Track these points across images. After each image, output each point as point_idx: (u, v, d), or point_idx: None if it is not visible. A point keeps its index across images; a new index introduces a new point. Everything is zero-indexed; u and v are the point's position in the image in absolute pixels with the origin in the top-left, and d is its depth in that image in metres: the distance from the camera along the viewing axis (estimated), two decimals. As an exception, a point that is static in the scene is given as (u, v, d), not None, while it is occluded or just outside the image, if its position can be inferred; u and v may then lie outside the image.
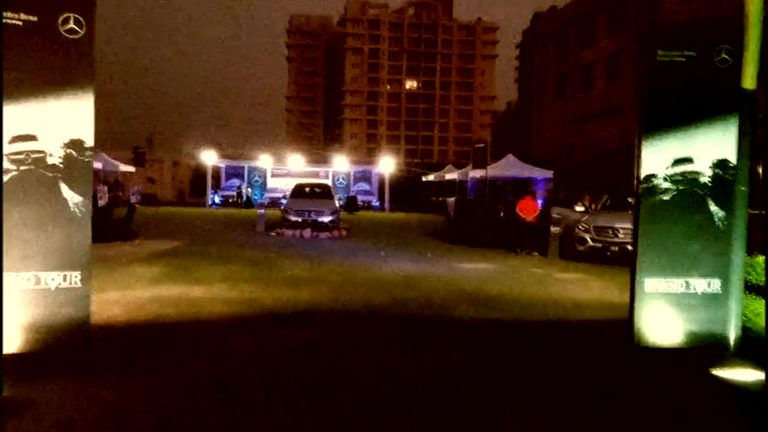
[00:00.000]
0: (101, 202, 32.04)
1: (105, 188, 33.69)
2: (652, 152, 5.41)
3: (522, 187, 26.76)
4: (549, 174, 23.60)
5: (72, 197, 4.94)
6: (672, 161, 5.42)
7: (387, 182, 36.20)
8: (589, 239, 12.59)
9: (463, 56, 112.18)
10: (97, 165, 32.98)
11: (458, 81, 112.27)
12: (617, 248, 12.15)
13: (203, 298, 7.82)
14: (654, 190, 5.44)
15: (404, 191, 42.32)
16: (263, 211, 18.65)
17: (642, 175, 5.45)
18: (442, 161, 59.39)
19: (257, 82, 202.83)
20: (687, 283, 5.52)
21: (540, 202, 14.75)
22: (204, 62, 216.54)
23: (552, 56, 46.74)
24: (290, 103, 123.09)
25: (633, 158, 5.57)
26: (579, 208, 13.71)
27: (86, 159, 5.00)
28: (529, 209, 14.06)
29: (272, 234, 17.65)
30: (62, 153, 4.87)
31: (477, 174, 24.19)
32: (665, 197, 5.44)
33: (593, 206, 13.97)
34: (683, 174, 5.42)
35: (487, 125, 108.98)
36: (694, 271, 5.49)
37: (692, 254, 5.47)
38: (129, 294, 7.91)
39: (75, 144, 4.93)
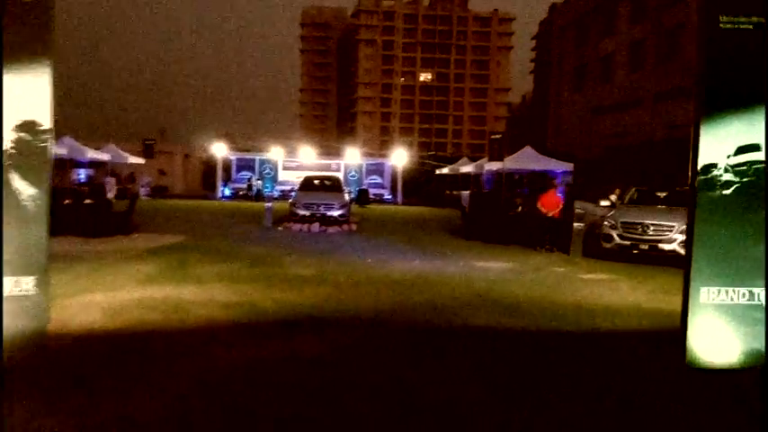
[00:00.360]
0: (109, 195, 31.60)
1: (114, 180, 33.24)
2: (712, 138, 4.56)
3: (540, 180, 25.88)
4: (569, 166, 22.65)
5: (24, 189, 4.20)
6: (735, 149, 4.56)
7: (399, 175, 35.39)
8: (616, 236, 11.70)
9: (478, 47, 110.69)
10: (105, 156, 32.54)
11: (472, 73, 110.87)
12: (647, 246, 11.26)
13: (195, 301, 7.09)
14: (713, 183, 4.59)
15: (417, 184, 41.50)
16: (270, 204, 17.93)
17: (699, 166, 4.60)
18: (456, 154, 58.46)
19: (271, 75, 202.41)
20: (751, 292, 4.68)
21: (560, 196, 13.84)
22: (218, 55, 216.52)
23: (571, 46, 45.47)
24: (303, 95, 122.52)
25: (656, 151, 4.72)
26: (605, 202, 12.80)
27: (42, 144, 4.26)
28: (551, 203, 13.19)
29: (280, 228, 16.93)
30: (13, 137, 4.14)
31: (494, 166, 23.28)
32: (726, 191, 4.59)
33: (618, 201, 13.04)
34: (747, 163, 4.56)
35: (502, 118, 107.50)
36: (759, 279, 4.64)
37: (756, 258, 4.62)
38: (115, 296, 7.20)
39: (29, 126, 4.19)
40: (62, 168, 31.89)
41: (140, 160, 36.43)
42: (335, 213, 17.40)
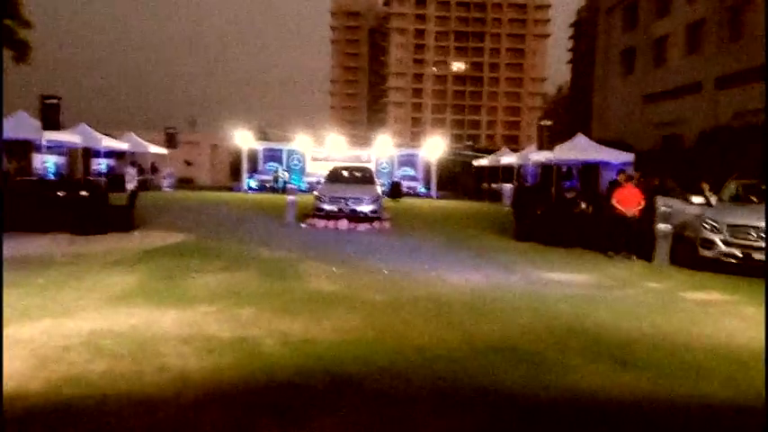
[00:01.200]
0: (129, 186, 30.09)
1: (135, 171, 31.70)
2: None
3: (592, 172, 23.30)
4: (629, 157, 20.04)
5: None
6: None
7: (434, 167, 33.08)
8: (720, 243, 9.29)
9: (513, 35, 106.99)
10: (124, 145, 31.03)
11: (507, 62, 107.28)
12: (762, 256, 8.83)
13: (172, 337, 5.04)
14: None
15: (451, 176, 39.14)
16: (293, 198, 15.88)
17: None
18: (490, 146, 55.75)
19: (302, 66, 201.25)
20: None
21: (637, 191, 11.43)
22: (248, 47, 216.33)
23: (618, 29, 42.35)
24: (333, 86, 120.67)
25: (723, 141, 2.41)
26: (697, 199, 10.37)
27: None
28: (631, 200, 10.83)
29: (303, 225, 14.89)
30: None
31: (542, 156, 20.83)
32: None
33: (716, 197, 10.57)
34: None
35: (538, 108, 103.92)
36: None
37: None
38: (62, 326, 5.20)
39: None
40: (84, 157, 30.53)
41: (163, 150, 34.90)
42: (366, 209, 15.26)
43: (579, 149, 20.24)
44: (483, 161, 33.12)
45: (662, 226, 10.29)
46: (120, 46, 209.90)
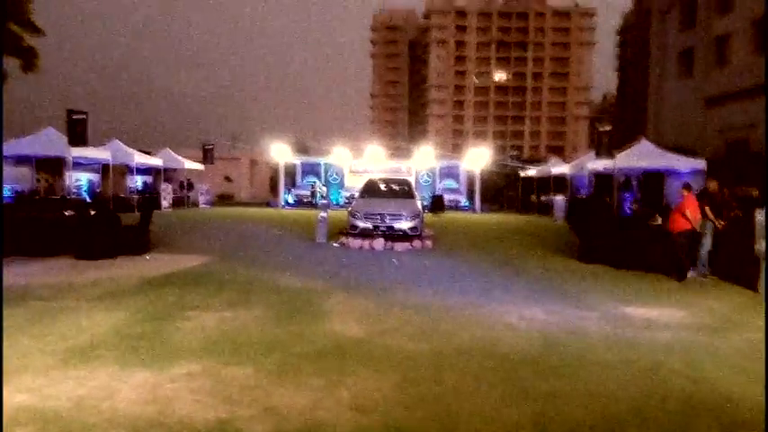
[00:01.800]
0: (164, 203, 29.40)
1: (170, 187, 31.04)
2: None
3: (654, 181, 21.07)
4: (699, 164, 17.84)
5: None
6: None
7: (478, 179, 31.26)
8: None
9: (557, 44, 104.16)
10: (158, 161, 30.40)
11: (551, 71, 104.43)
12: None
13: (118, 423, 3.55)
14: None
15: (496, 189, 37.22)
16: (324, 214, 14.41)
17: None
18: (534, 157, 53.45)
19: (342, 81, 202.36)
20: None
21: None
22: (288, 63, 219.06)
23: (674, 30, 39.76)
24: (373, 100, 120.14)
25: None
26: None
27: None
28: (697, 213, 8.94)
29: (335, 245, 13.40)
30: None
31: (599, 165, 18.84)
32: None
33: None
34: None
35: (583, 118, 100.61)
36: None
37: None
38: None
39: None
40: (117, 174, 30.04)
41: (199, 166, 34.26)
42: (405, 226, 13.65)
43: (644, 156, 18.14)
44: (530, 172, 31.12)
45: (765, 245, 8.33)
46: (165, 66, 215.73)
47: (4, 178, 23.44)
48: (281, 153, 33.86)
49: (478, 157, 31.09)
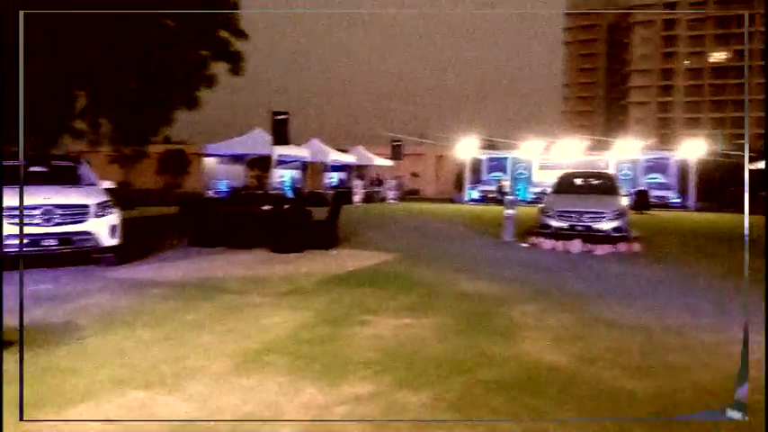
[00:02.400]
0: (356, 198, 30.59)
1: (361, 183, 32.22)
2: None
3: None
4: None
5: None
6: None
7: (692, 173, 27.37)
8: None
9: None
10: (351, 158, 31.69)
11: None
12: None
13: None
14: None
15: (712, 184, 32.39)
16: (512, 212, 13.37)
17: None
18: (759, 149, 45.58)
19: (530, 72, 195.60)
20: None
21: None
22: (478, 55, 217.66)
23: None
24: (566, 90, 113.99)
25: None
26: None
27: None
28: None
29: (523, 245, 12.31)
30: None
31: None
32: None
33: None
34: None
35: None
36: None
37: None
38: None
39: None
40: (315, 171, 32.00)
41: (389, 162, 35.12)
42: (607, 226, 12.04)
43: None
44: (760, 164, 26.38)
45: None
46: (363, 68, 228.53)
47: (224, 175, 26.28)
48: (467, 148, 33.28)
49: (693, 149, 27.20)
